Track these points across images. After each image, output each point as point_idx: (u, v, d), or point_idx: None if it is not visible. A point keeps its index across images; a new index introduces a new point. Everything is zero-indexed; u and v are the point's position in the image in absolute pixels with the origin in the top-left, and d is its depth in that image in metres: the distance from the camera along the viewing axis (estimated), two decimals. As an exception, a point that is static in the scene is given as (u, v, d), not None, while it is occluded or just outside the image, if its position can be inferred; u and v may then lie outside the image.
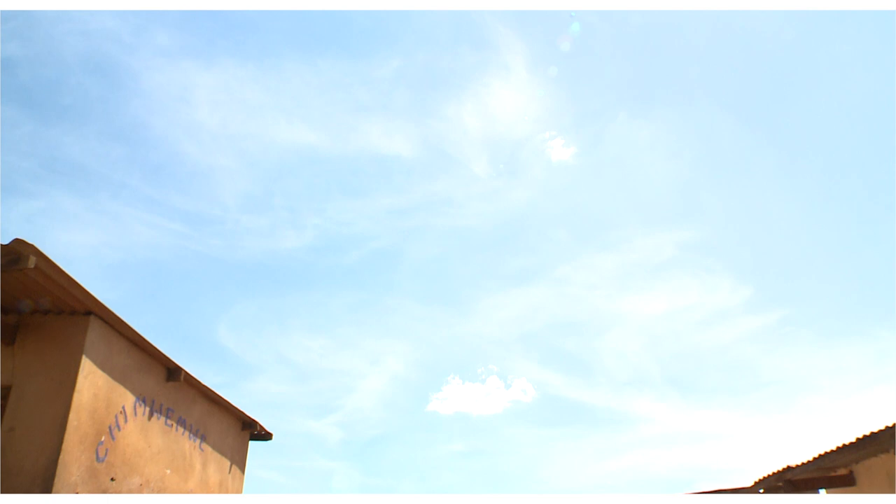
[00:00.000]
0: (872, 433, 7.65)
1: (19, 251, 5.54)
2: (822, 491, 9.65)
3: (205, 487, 9.02)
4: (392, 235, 38.13)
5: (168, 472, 8.12)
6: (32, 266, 5.60)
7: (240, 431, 10.32)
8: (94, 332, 6.80)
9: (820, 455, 8.27)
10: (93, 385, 6.74)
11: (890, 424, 7.41)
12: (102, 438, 6.88)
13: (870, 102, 29.65)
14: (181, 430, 8.51)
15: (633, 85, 34.75)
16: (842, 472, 8.96)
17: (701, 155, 35.25)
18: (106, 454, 6.92)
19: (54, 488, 6.09)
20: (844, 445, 7.97)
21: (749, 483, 9.43)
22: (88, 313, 6.74)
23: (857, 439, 7.81)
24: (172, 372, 8.20)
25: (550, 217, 37.98)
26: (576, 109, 35.59)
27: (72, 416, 6.40)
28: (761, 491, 9.68)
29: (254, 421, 10.34)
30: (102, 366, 6.91)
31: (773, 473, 8.90)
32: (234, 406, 9.68)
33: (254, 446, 10.74)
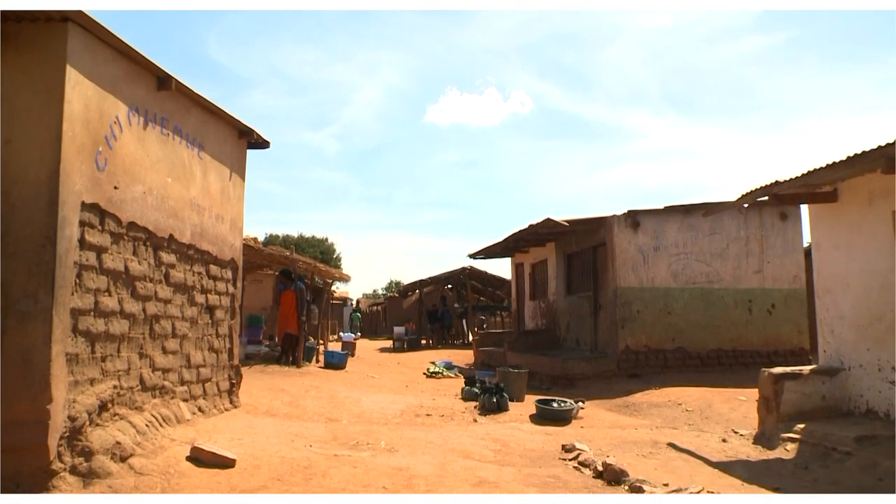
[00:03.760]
0: (864, 151, 7.73)
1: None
2: (804, 205, 10.02)
3: (206, 195, 9.28)
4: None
5: (169, 180, 8.28)
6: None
7: (237, 140, 10.35)
8: (76, 40, 6.45)
9: (808, 172, 8.46)
10: (82, 95, 6.57)
11: (882, 144, 7.48)
12: (100, 148, 6.88)
13: None
14: (178, 139, 8.52)
15: None
16: (826, 188, 9.24)
17: None
18: (105, 163, 6.98)
19: (60, 196, 6.20)
20: (833, 163, 8.11)
21: (735, 197, 9.75)
22: (65, 20, 6.35)
23: (847, 157, 7.93)
24: (163, 80, 7.96)
25: None
26: None
27: (66, 126, 6.31)
28: (746, 205, 10.04)
29: (250, 128, 10.32)
30: (90, 76, 6.67)
31: (760, 188, 9.17)
32: (229, 114, 9.59)
33: (253, 158, 10.86)
